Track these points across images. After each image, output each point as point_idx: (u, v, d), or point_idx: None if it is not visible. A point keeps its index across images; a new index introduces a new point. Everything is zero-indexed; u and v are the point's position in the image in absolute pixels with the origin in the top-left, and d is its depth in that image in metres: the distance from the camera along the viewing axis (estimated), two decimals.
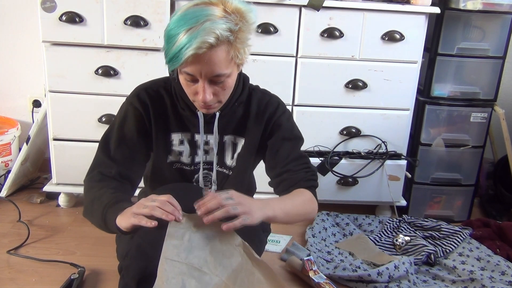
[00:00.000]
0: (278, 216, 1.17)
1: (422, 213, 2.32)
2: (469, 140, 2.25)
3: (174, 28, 1.08)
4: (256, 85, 1.39)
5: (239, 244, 1.11)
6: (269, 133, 1.34)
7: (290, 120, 1.37)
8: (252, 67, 2.03)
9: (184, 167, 1.36)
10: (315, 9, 1.96)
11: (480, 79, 2.21)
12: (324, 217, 2.15)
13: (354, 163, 2.14)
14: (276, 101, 1.36)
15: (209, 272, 1.02)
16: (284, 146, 1.33)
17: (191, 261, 1.01)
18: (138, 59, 1.98)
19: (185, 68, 1.11)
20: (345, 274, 1.71)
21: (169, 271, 0.97)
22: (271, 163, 1.35)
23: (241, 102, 1.32)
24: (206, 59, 1.08)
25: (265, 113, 1.33)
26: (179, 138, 1.33)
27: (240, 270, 1.07)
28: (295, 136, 1.37)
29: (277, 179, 1.34)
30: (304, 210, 1.26)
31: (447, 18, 2.10)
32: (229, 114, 1.31)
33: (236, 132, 1.35)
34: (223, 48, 1.09)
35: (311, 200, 1.29)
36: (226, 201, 1.04)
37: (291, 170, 1.31)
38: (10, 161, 2.35)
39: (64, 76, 1.99)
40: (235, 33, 1.09)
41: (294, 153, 1.33)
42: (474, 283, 1.70)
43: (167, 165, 1.35)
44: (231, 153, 1.36)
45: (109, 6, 1.91)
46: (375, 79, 2.09)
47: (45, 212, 2.14)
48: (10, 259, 1.75)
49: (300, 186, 1.29)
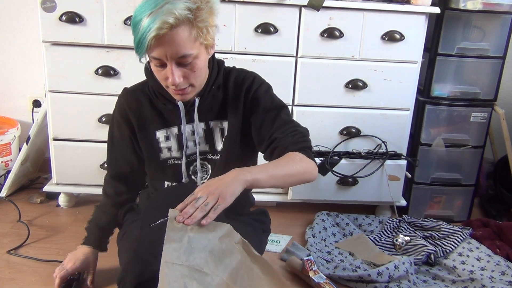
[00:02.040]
0: (261, 179, 1.14)
1: (422, 213, 2.32)
2: (469, 140, 2.25)
3: (137, 15, 1.12)
4: (233, 66, 1.38)
5: (238, 242, 1.11)
6: (249, 109, 1.32)
7: (268, 91, 1.34)
8: (252, 67, 2.02)
9: (177, 161, 1.36)
10: (315, 9, 1.96)
11: (480, 79, 2.21)
12: (324, 217, 2.15)
13: (354, 163, 2.14)
14: (251, 75, 1.35)
15: (210, 272, 1.02)
16: (267, 117, 1.30)
17: (192, 263, 1.00)
18: (138, 59, 1.98)
19: (151, 53, 1.14)
20: (345, 274, 1.71)
21: (170, 275, 0.97)
22: (258, 138, 1.32)
23: (218, 85, 1.32)
24: (168, 40, 1.10)
25: (242, 90, 1.32)
26: (164, 135, 1.34)
27: (240, 267, 1.07)
28: (276, 105, 1.33)
29: (267, 151, 1.30)
30: (294, 169, 1.20)
31: (447, 18, 2.10)
32: (209, 99, 1.31)
33: (219, 116, 1.34)
34: (184, 28, 1.11)
35: (301, 159, 1.23)
36: (197, 202, 1.06)
37: (277, 138, 1.27)
38: (10, 161, 2.35)
39: (64, 76, 1.99)
40: (194, 12, 1.11)
41: (278, 121, 1.30)
42: (474, 283, 1.70)
43: (161, 162, 1.36)
44: (220, 139, 1.35)
45: (109, 6, 1.91)
46: (375, 79, 2.09)
47: (45, 212, 2.14)
48: (10, 259, 1.75)
49: (289, 150, 1.24)
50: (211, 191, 1.08)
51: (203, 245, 1.03)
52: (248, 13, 1.96)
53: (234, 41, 1.99)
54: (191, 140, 1.34)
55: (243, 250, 1.10)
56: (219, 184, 1.10)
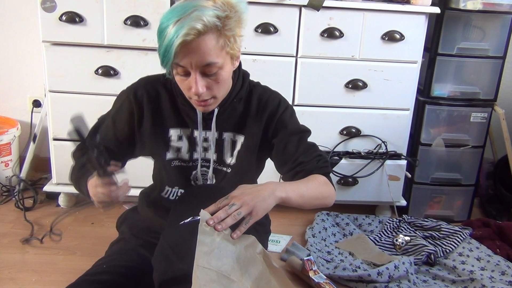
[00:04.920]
0: (292, 198, 1.15)
1: (422, 213, 2.32)
2: (469, 140, 2.25)
3: (164, 22, 1.10)
4: (257, 82, 1.38)
5: (260, 252, 1.11)
6: (273, 131, 1.33)
7: (293, 115, 1.36)
8: (252, 67, 2.03)
9: (182, 163, 1.36)
10: (315, 9, 1.96)
11: (480, 79, 2.21)
12: (324, 217, 2.15)
13: (354, 163, 2.14)
14: (277, 97, 1.35)
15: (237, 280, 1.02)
16: (291, 140, 1.32)
17: (221, 269, 1.01)
18: (138, 59, 1.98)
19: (176, 60, 1.11)
20: (345, 274, 1.71)
21: (201, 279, 0.97)
22: (280, 159, 1.33)
23: (240, 98, 1.31)
24: (195, 47, 1.08)
25: (266, 111, 1.32)
26: (178, 134, 1.33)
27: (261, 278, 1.07)
28: (302, 129, 1.35)
29: (290, 173, 1.31)
30: (319, 193, 1.24)
31: (447, 18, 2.10)
32: (229, 111, 1.31)
33: (235, 129, 1.34)
34: (211, 36, 1.09)
35: (326, 183, 1.27)
36: (230, 209, 1.06)
37: (303, 162, 1.29)
38: (10, 161, 2.35)
39: (64, 76, 1.99)
40: (223, 20, 1.10)
41: (303, 145, 1.32)
42: (474, 283, 1.70)
43: (166, 162, 1.35)
44: (230, 151, 1.35)
45: (109, 6, 1.91)
46: (375, 79, 2.09)
47: (45, 212, 2.14)
48: (10, 259, 1.75)
49: (314, 173, 1.28)
50: (246, 201, 1.07)
51: (230, 251, 1.04)
52: (248, 13, 1.96)
53: None
54: (201, 146, 1.34)
55: (263, 260, 1.10)
56: (255, 196, 1.09)
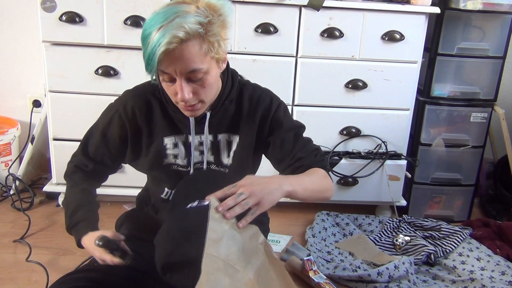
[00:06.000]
0: (298, 191, 1.16)
1: (422, 213, 2.32)
2: (469, 140, 2.25)
3: (146, 29, 1.09)
4: (247, 80, 1.37)
5: (262, 242, 1.12)
6: (268, 130, 1.33)
7: (286, 112, 1.37)
8: (252, 67, 2.04)
9: (180, 169, 1.36)
10: (315, 9, 1.96)
11: (480, 79, 2.21)
12: (324, 217, 2.15)
13: (354, 163, 2.14)
14: (268, 95, 1.35)
15: (241, 269, 1.03)
16: (287, 137, 1.32)
17: (228, 258, 1.02)
18: (138, 59, 1.98)
19: (161, 67, 1.11)
20: (345, 274, 1.71)
21: (209, 266, 0.99)
22: (278, 156, 1.34)
23: (232, 99, 1.31)
24: (178, 54, 1.08)
25: (258, 110, 1.32)
26: (173, 142, 1.33)
27: (262, 268, 1.09)
28: (296, 125, 1.36)
29: (289, 169, 1.32)
30: (321, 185, 1.25)
31: (447, 18, 2.10)
32: (221, 113, 1.31)
33: (229, 130, 1.34)
34: (194, 43, 1.09)
35: (326, 176, 1.29)
36: (239, 197, 1.07)
37: (301, 157, 1.30)
38: (10, 161, 2.35)
39: (64, 76, 1.99)
40: (205, 26, 1.09)
41: (299, 141, 1.33)
42: (474, 283, 1.70)
43: (164, 167, 1.35)
44: (226, 152, 1.35)
45: (109, 6, 1.91)
46: (375, 79, 2.09)
47: (45, 212, 2.14)
48: (10, 258, 1.75)
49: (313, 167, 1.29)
50: (254, 192, 1.08)
51: (237, 241, 1.05)
52: (248, 13, 1.96)
53: (234, 41, 1.99)
54: (197, 150, 1.34)
55: (264, 251, 1.11)
56: (263, 187, 1.10)
